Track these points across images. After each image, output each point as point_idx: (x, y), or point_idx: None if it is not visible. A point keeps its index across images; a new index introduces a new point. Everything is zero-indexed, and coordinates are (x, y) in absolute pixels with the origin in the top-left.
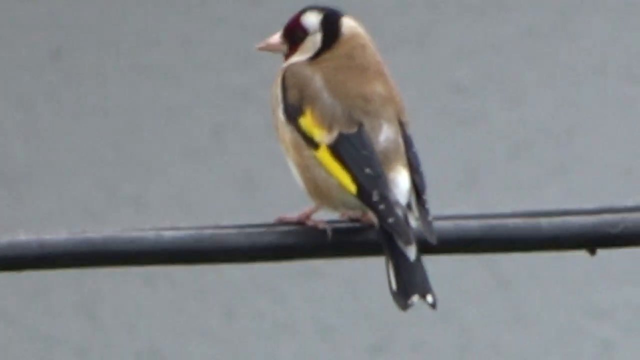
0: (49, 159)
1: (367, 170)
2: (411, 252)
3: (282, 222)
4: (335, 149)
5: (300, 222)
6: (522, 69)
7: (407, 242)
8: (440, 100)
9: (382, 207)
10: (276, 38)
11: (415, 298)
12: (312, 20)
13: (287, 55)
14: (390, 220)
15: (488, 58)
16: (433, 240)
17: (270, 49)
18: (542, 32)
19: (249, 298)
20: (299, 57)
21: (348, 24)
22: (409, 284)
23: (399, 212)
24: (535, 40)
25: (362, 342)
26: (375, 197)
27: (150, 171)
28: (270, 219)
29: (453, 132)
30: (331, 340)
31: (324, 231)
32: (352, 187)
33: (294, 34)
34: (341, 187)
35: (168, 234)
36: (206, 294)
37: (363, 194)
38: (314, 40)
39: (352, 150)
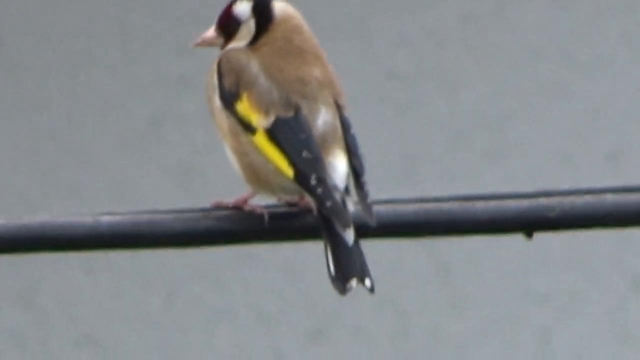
0: None
1: (305, 154)
2: (349, 236)
3: (219, 207)
4: (272, 133)
5: (237, 207)
6: (458, 57)
7: (346, 226)
8: (378, 88)
9: (319, 190)
10: (211, 32)
11: (353, 282)
12: (243, 8)
13: (223, 47)
14: (329, 204)
15: (425, 46)
16: (373, 222)
17: (206, 43)
18: (477, 19)
19: (188, 284)
20: (235, 45)
21: (280, 6)
22: (347, 268)
23: (337, 195)
24: (470, 28)
25: (301, 327)
26: (313, 180)
27: (88, 160)
28: (208, 205)
29: (391, 119)
30: (269, 326)
31: (261, 216)
32: (289, 171)
33: (228, 25)
34: (279, 171)
35: (105, 219)
36: (145, 281)
37: (300, 178)
38: (249, 27)
39: (290, 133)
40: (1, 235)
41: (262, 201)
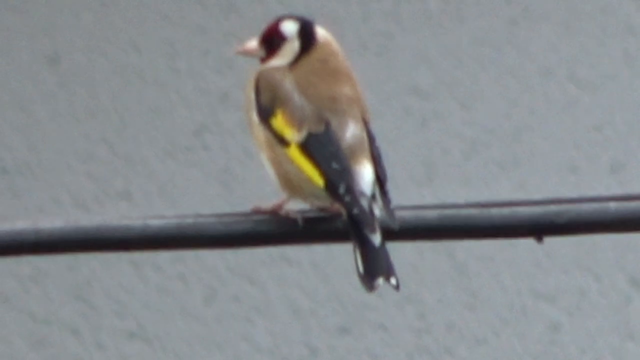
0: (46, 156)
1: (334, 165)
2: (376, 238)
3: (257, 212)
4: (305, 147)
5: (273, 212)
6: (475, 74)
7: (372, 230)
8: (401, 103)
9: (347, 198)
10: (254, 43)
11: (380, 280)
12: (290, 27)
13: (264, 60)
14: (356, 210)
15: (444, 64)
16: (395, 225)
17: (247, 53)
18: (493, 40)
19: (227, 282)
20: (278, 62)
21: (321, 32)
22: (374, 268)
23: (364, 202)
24: (486, 48)
25: (331, 323)
26: (341, 189)
27: (137, 167)
28: (247, 209)
29: (413, 130)
30: (302, 321)
31: (295, 220)
32: (320, 181)
33: (272, 41)
34: (311, 181)
35: (154, 222)
36: (188, 279)
37: (330, 187)
38: (293, 47)
39: (320, 147)
40: (60, 237)
41: (296, 206)
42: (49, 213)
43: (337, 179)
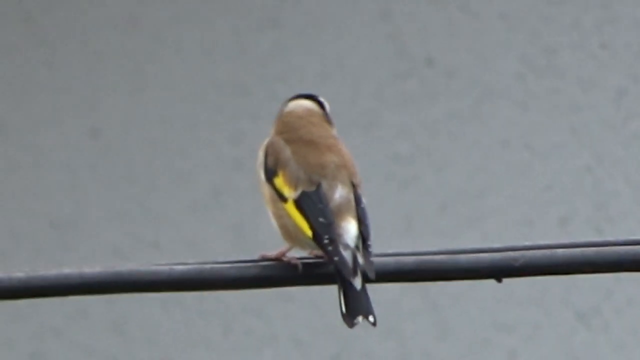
0: (89, 213)
1: (321, 219)
2: (357, 282)
3: (264, 259)
4: (298, 203)
5: (278, 259)
6: (446, 144)
7: (350, 276)
8: (384, 168)
9: (330, 248)
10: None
11: (359, 318)
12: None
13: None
14: (336, 258)
15: (421, 136)
16: (372, 275)
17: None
18: (461, 116)
19: (241, 317)
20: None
21: (292, 105)
22: (354, 308)
23: (346, 252)
24: (456, 122)
25: (326, 351)
26: (325, 240)
27: (165, 222)
28: (256, 257)
29: (394, 191)
30: (303, 350)
31: (296, 265)
32: (309, 232)
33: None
34: (302, 232)
35: (178, 268)
36: (208, 314)
37: (317, 238)
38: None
39: (311, 204)
40: (99, 281)
41: (296, 254)
42: (91, 261)
43: (323, 231)
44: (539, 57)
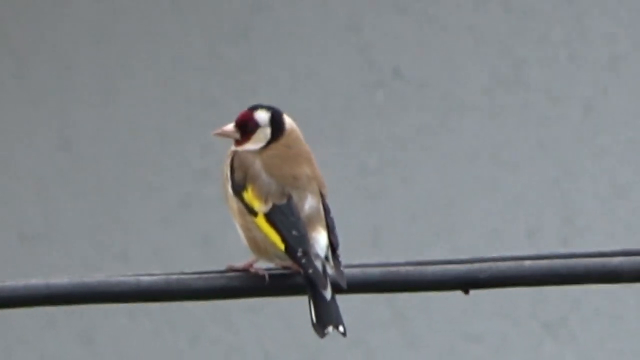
0: (58, 224)
1: (294, 232)
2: (327, 293)
3: (231, 270)
4: (270, 217)
5: (245, 270)
6: (414, 156)
7: (323, 287)
8: (353, 180)
9: (304, 260)
10: (230, 127)
11: (330, 328)
12: (263, 116)
13: (239, 142)
14: (310, 270)
15: (389, 148)
16: (344, 284)
17: (224, 135)
18: (430, 128)
19: (208, 328)
20: (252, 146)
21: (288, 120)
22: (325, 318)
23: (318, 264)
24: (424, 135)
25: None
26: (299, 253)
27: (132, 233)
28: (223, 268)
29: (362, 203)
30: (271, 359)
31: (263, 276)
32: (282, 246)
33: (247, 126)
34: (274, 245)
35: (145, 279)
36: (175, 325)
37: (290, 251)
38: (265, 133)
39: (283, 217)
40: (66, 292)
41: (263, 265)
42: (59, 272)
43: (296, 244)
44: (507, 70)
